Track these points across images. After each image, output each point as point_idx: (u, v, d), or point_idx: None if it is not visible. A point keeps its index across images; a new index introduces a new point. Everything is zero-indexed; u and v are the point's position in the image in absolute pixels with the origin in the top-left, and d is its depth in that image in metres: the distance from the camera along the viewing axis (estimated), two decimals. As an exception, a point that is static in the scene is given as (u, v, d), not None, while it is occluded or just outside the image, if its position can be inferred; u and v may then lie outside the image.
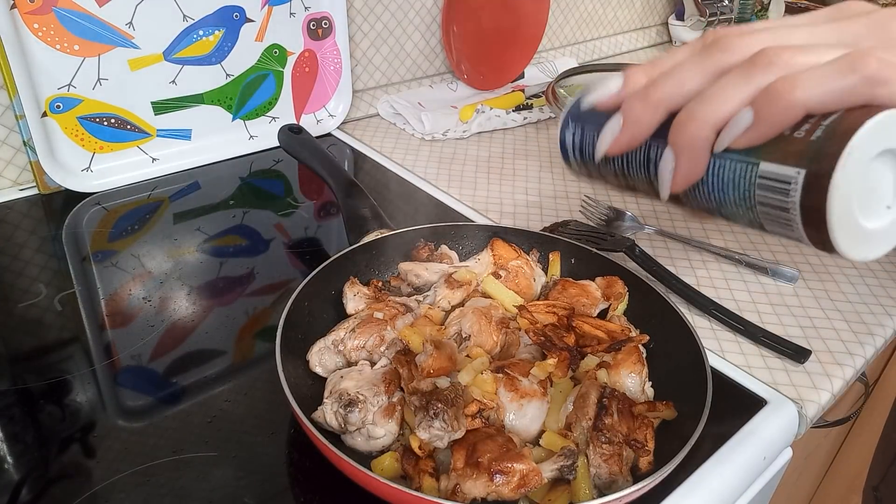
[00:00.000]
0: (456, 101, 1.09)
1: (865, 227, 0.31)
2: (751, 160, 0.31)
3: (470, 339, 0.52)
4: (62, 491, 0.45)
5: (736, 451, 0.50)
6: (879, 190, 0.31)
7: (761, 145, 0.31)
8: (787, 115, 0.30)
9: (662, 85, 0.33)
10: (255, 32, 0.88)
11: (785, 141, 0.30)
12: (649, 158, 0.36)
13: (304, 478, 0.47)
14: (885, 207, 0.32)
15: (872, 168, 0.30)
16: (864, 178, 0.30)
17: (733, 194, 0.33)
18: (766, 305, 0.67)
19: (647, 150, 0.35)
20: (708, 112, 0.31)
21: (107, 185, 0.81)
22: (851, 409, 0.86)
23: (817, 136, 0.29)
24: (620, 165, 0.38)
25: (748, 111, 0.31)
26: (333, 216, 0.80)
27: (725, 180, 0.33)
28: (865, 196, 0.30)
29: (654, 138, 0.35)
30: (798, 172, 0.30)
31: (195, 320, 0.61)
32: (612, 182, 0.41)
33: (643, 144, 0.35)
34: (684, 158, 0.33)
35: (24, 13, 0.70)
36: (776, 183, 0.31)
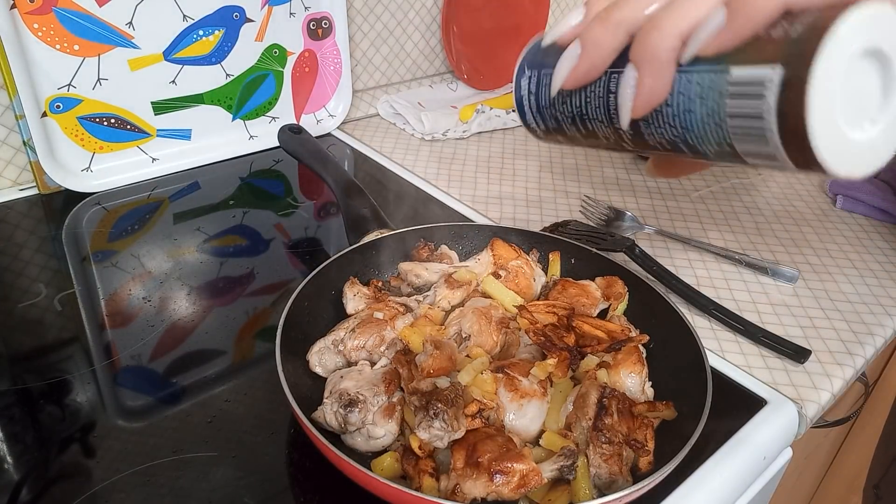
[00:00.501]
0: (456, 101, 1.09)
1: (850, 138, 0.28)
2: (719, 67, 0.28)
3: (470, 339, 0.52)
4: (62, 491, 0.45)
5: (736, 450, 0.50)
6: (863, 98, 0.28)
7: (732, 50, 0.28)
8: (765, 10, 0.27)
9: (623, 4, 0.30)
10: (255, 32, 0.88)
11: (760, 42, 0.27)
12: (610, 91, 0.32)
13: (304, 478, 0.47)
14: (868, 120, 0.29)
15: (856, 69, 0.27)
16: (847, 79, 0.27)
17: (700, 111, 0.29)
18: (766, 305, 0.67)
19: (608, 81, 0.32)
20: (674, 18, 0.28)
21: (107, 185, 0.81)
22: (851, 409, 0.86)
23: (796, 32, 0.26)
24: (578, 104, 0.34)
25: (720, 10, 0.28)
26: (333, 216, 0.80)
27: (692, 96, 0.29)
28: (849, 102, 0.27)
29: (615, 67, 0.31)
30: (773, 70, 0.26)
31: (195, 320, 0.61)
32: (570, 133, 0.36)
33: (603, 75, 0.32)
34: (647, 73, 0.29)
35: (24, 13, 0.70)
36: (749, 87, 0.27)
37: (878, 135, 0.29)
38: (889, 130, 0.29)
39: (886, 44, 0.27)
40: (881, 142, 0.29)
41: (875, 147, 0.29)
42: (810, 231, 0.82)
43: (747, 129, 0.28)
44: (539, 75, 0.35)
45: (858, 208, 0.86)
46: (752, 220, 0.83)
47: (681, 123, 0.30)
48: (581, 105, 0.34)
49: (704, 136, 0.30)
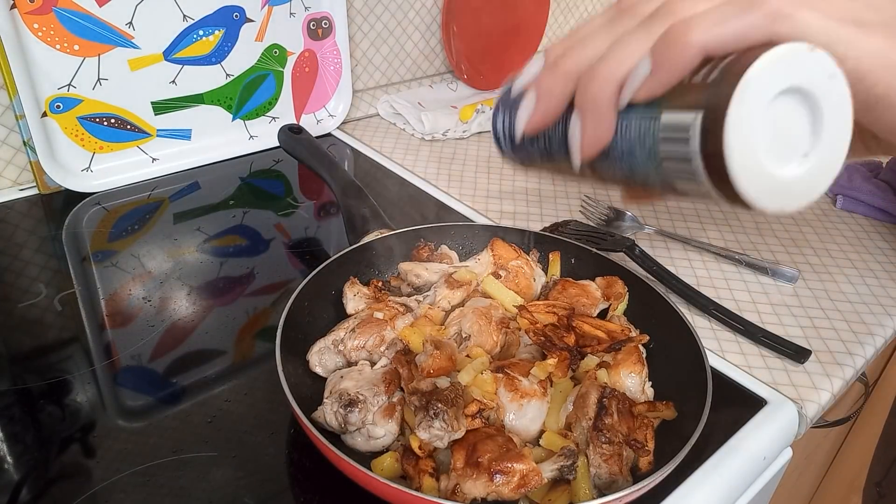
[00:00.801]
0: (456, 101, 1.09)
1: (777, 176, 0.28)
2: (653, 113, 0.30)
3: (470, 339, 0.52)
4: (62, 491, 0.45)
5: (736, 450, 0.50)
6: (792, 136, 0.28)
7: (662, 97, 0.29)
8: (684, 59, 0.28)
9: (571, 54, 0.32)
10: (255, 32, 0.88)
11: (684, 88, 0.29)
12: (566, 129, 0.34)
13: (304, 478, 0.47)
14: (801, 155, 0.29)
15: (779, 109, 0.28)
16: (767, 120, 0.27)
17: (640, 154, 0.31)
18: (766, 305, 0.67)
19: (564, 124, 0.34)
20: (609, 68, 0.30)
21: (107, 185, 0.81)
22: (851, 409, 0.86)
23: (713, 78, 0.28)
24: (543, 145, 0.36)
25: (646, 60, 0.29)
26: (333, 216, 0.80)
27: (632, 140, 0.31)
28: (775, 141, 0.28)
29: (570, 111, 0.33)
30: (695, 117, 0.28)
31: (195, 320, 0.61)
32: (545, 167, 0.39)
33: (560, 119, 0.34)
34: (589, 120, 0.31)
35: (24, 13, 0.70)
36: (676, 133, 0.29)
37: (812, 168, 0.29)
38: (823, 163, 0.29)
39: (806, 82, 0.28)
40: (816, 174, 0.29)
41: (809, 180, 0.29)
42: (810, 231, 0.82)
43: (680, 171, 0.29)
44: (510, 116, 0.37)
45: (858, 208, 0.86)
46: (752, 220, 0.83)
47: (627, 164, 0.32)
48: (545, 145, 0.36)
49: (648, 175, 0.32)
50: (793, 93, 0.28)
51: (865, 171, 0.90)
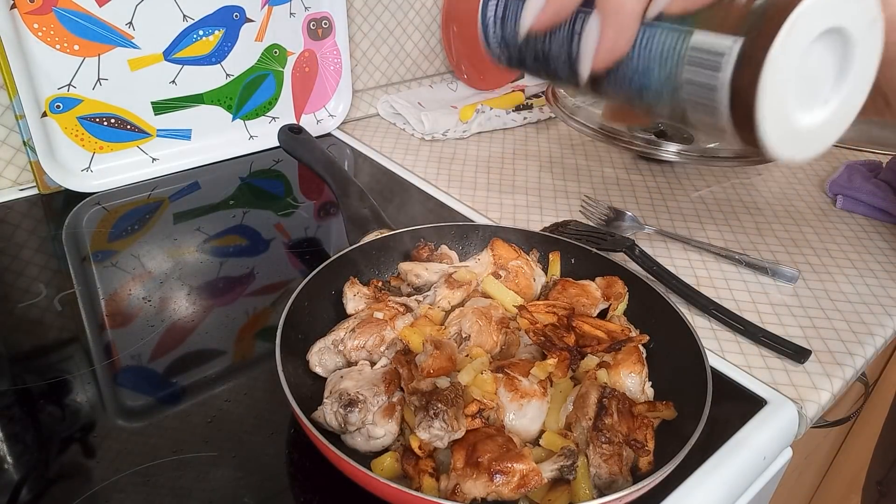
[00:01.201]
0: (456, 101, 1.09)
1: (798, 122, 0.27)
2: (683, 30, 0.27)
3: (470, 339, 0.52)
4: (62, 491, 0.45)
5: (736, 450, 0.50)
6: (818, 80, 0.27)
7: (697, 13, 0.27)
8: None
9: None
10: (255, 32, 0.88)
11: (724, 9, 0.26)
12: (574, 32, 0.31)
13: (304, 478, 0.47)
14: (822, 102, 0.28)
15: (814, 50, 0.26)
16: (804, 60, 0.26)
17: (658, 73, 0.28)
18: (766, 305, 0.67)
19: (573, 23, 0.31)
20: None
21: (107, 185, 0.81)
22: (851, 409, 0.86)
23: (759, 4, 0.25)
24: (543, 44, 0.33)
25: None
26: (333, 216, 0.80)
27: (653, 55, 0.28)
28: (803, 83, 0.26)
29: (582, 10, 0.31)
30: (734, 42, 0.25)
31: (195, 320, 0.61)
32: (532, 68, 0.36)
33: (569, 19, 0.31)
34: (610, 26, 0.28)
35: (24, 13, 0.70)
36: (708, 56, 0.26)
37: (828, 117, 0.28)
38: (839, 112, 0.28)
39: (850, 24, 0.26)
40: (830, 124, 0.29)
41: (822, 130, 0.28)
42: (810, 231, 0.82)
43: (699, 100, 0.28)
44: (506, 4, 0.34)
45: (858, 208, 0.86)
46: (752, 220, 0.83)
47: (639, 81, 0.30)
48: (545, 44, 0.33)
49: (660, 97, 0.30)
50: (832, 34, 0.26)
51: (865, 171, 0.90)
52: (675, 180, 0.92)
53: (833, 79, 0.28)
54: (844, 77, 0.28)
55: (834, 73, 0.28)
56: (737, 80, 0.26)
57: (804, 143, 0.28)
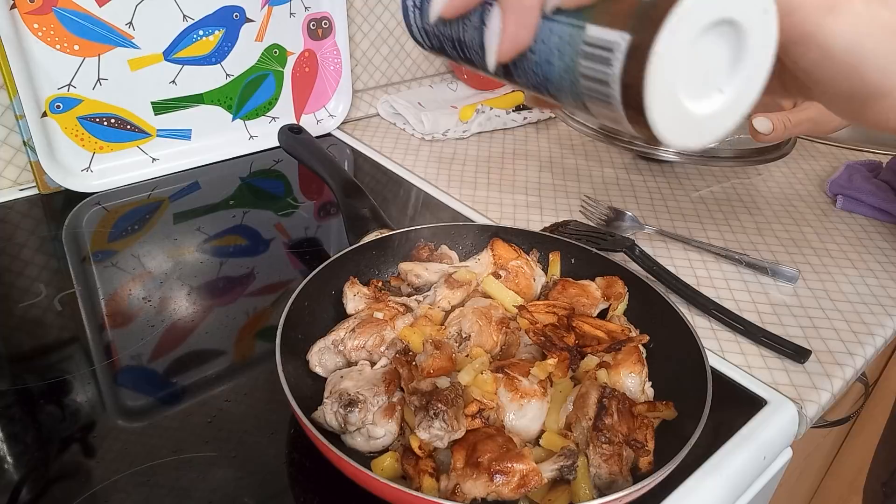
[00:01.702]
0: (456, 101, 1.09)
1: (691, 111, 0.27)
2: (579, 22, 0.27)
3: (470, 339, 0.52)
4: (62, 491, 0.45)
5: (736, 450, 0.50)
6: (711, 69, 0.27)
7: (592, 6, 0.27)
8: None
9: None
10: (255, 32, 0.88)
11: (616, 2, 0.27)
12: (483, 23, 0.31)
13: (304, 478, 0.47)
14: (716, 90, 0.28)
15: (705, 41, 0.26)
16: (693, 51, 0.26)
17: (559, 65, 0.29)
18: (766, 305, 0.67)
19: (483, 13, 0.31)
20: None
21: (107, 185, 0.81)
22: (851, 409, 0.86)
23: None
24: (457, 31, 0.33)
25: None
26: (333, 216, 0.80)
27: (552, 48, 0.29)
28: (695, 75, 0.27)
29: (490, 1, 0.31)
30: (622, 38, 0.26)
31: (195, 320, 0.61)
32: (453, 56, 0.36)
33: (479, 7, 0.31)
34: (511, 19, 0.29)
35: (24, 13, 0.70)
36: (600, 50, 0.27)
37: (725, 105, 0.28)
38: (736, 101, 0.29)
39: (739, 14, 0.26)
40: (727, 112, 0.29)
41: (719, 118, 0.29)
42: (810, 231, 0.82)
43: (595, 92, 0.28)
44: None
45: (858, 208, 0.86)
46: (752, 220, 0.83)
47: (542, 73, 0.30)
48: (459, 32, 0.33)
49: (562, 89, 0.30)
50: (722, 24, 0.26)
51: (865, 171, 0.90)
52: (675, 180, 0.92)
53: (727, 68, 0.28)
54: (739, 66, 0.28)
55: (728, 62, 0.28)
56: (626, 74, 0.26)
57: (701, 130, 0.28)
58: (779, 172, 0.96)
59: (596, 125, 0.87)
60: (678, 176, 0.93)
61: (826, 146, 1.06)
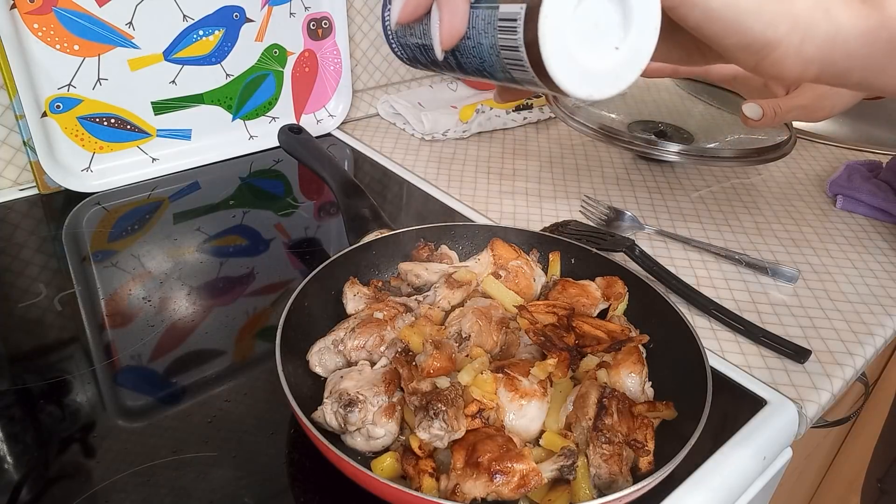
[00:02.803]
0: (456, 101, 1.09)
1: (588, 65, 0.31)
2: (494, 3, 0.32)
3: (470, 339, 0.52)
4: (62, 491, 0.45)
5: (736, 451, 0.50)
6: (604, 28, 0.31)
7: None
8: None
9: None
10: (255, 32, 0.88)
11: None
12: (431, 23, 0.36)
13: (304, 478, 0.47)
14: (612, 48, 0.32)
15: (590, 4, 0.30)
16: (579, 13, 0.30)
17: (486, 45, 0.33)
18: (766, 305, 0.67)
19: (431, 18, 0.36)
20: None
21: (107, 185, 0.81)
22: (851, 409, 0.86)
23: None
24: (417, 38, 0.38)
25: None
26: (333, 216, 0.80)
27: (479, 31, 0.33)
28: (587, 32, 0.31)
29: None
30: (521, 7, 0.30)
31: (195, 320, 0.61)
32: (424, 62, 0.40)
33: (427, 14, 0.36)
34: (445, 11, 0.33)
35: (24, 13, 0.70)
36: (508, 23, 0.31)
37: (622, 59, 0.32)
38: (632, 56, 0.32)
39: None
40: (625, 65, 0.33)
41: (618, 71, 0.32)
42: (810, 231, 0.82)
43: (513, 61, 0.32)
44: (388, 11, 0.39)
45: (858, 208, 0.86)
46: (752, 220, 0.83)
47: (478, 55, 0.34)
48: (419, 38, 0.38)
49: (494, 66, 0.34)
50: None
51: (865, 171, 0.90)
52: (675, 180, 0.92)
53: (618, 27, 0.32)
54: (629, 24, 0.32)
55: (618, 22, 0.32)
56: (526, 35, 0.30)
57: (601, 83, 0.32)
58: (779, 172, 0.96)
59: (596, 125, 0.87)
60: (678, 176, 0.93)
61: (826, 146, 1.06)
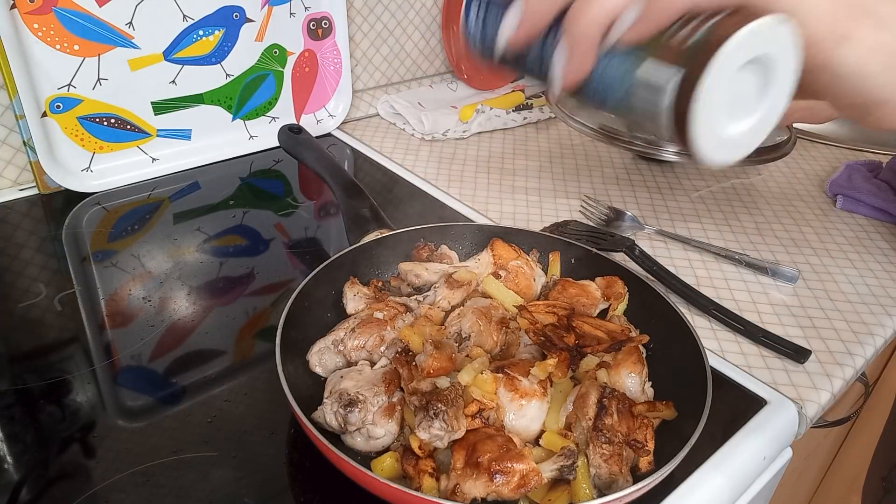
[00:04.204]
0: (456, 101, 1.09)
1: (726, 132, 0.32)
2: (633, 60, 0.32)
3: (470, 339, 0.52)
4: (62, 491, 0.45)
5: (736, 451, 0.50)
6: (744, 96, 0.32)
7: (644, 46, 0.32)
8: (668, 14, 0.31)
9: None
10: (255, 32, 0.88)
11: (665, 42, 0.31)
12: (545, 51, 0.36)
13: (304, 478, 0.47)
14: (748, 113, 0.33)
15: (741, 75, 0.31)
16: (731, 84, 0.31)
17: (615, 93, 0.34)
18: (766, 305, 0.67)
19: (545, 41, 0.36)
20: (599, 9, 0.33)
21: (107, 185, 0.81)
22: (851, 409, 0.86)
23: (693, 41, 0.30)
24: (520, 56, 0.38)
25: (633, 8, 0.32)
26: (333, 216, 0.80)
27: (610, 80, 0.34)
28: (731, 102, 0.32)
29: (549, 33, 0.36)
30: (671, 76, 0.31)
31: (195, 320, 0.61)
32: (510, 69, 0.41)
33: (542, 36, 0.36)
34: (574, 55, 0.34)
35: (24, 13, 0.70)
36: (652, 85, 0.31)
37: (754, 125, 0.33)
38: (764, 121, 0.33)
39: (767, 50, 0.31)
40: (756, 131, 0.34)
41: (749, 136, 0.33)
42: (810, 231, 0.82)
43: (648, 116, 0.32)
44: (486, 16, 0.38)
45: (858, 208, 0.86)
46: (752, 220, 0.83)
47: (601, 97, 0.35)
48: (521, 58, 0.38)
49: (618, 111, 0.35)
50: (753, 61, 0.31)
51: (865, 171, 0.90)
52: (675, 180, 0.92)
53: (757, 93, 0.33)
54: (767, 91, 0.33)
55: (757, 89, 0.33)
56: (675, 106, 0.31)
57: (735, 147, 0.33)
58: (779, 172, 0.96)
59: (596, 125, 0.87)
60: (678, 176, 0.93)
61: (826, 146, 1.06)
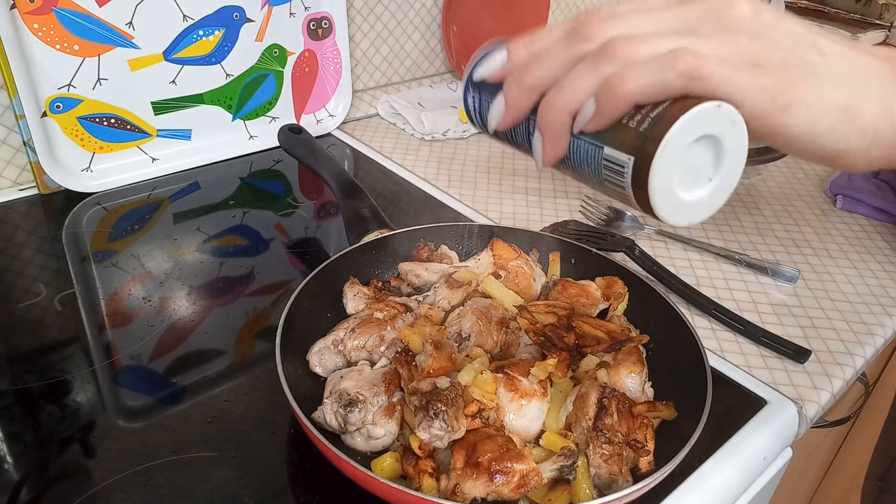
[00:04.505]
0: (456, 101, 1.09)
1: (686, 199, 0.36)
2: (597, 143, 0.37)
3: (470, 339, 0.52)
4: (62, 491, 0.45)
5: (736, 451, 0.50)
6: (699, 167, 0.36)
7: (605, 130, 0.36)
8: (619, 107, 0.35)
9: (533, 70, 0.38)
10: (255, 32, 0.88)
11: (622, 128, 0.35)
12: (529, 131, 0.41)
13: (304, 478, 0.47)
14: (706, 179, 0.36)
15: (691, 151, 0.34)
16: (682, 161, 0.34)
17: (587, 169, 0.38)
18: (766, 305, 0.67)
19: (528, 123, 0.41)
20: (562, 100, 0.36)
21: (107, 185, 0.81)
22: (851, 409, 0.86)
23: (644, 128, 0.34)
24: (510, 135, 0.43)
25: (592, 102, 0.35)
26: (333, 216, 0.80)
27: (581, 157, 0.38)
28: (686, 174, 0.35)
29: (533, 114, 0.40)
30: (629, 159, 0.35)
31: (195, 320, 0.61)
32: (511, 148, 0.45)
33: (525, 119, 0.40)
34: (548, 140, 0.38)
35: (24, 13, 0.70)
36: (615, 165, 0.36)
37: (714, 190, 0.37)
38: (722, 185, 0.37)
39: (714, 130, 0.34)
40: (716, 194, 0.37)
41: (711, 199, 0.37)
42: (810, 231, 0.82)
43: (617, 191, 0.37)
44: (480, 101, 0.43)
45: (858, 208, 0.86)
46: (752, 220, 0.83)
47: (577, 172, 0.40)
48: (511, 136, 0.43)
49: (592, 183, 0.39)
50: (703, 138, 0.34)
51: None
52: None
53: (712, 164, 0.36)
54: (721, 161, 0.36)
55: (712, 160, 0.36)
56: (634, 182, 0.35)
57: (696, 211, 0.37)
58: (779, 172, 0.96)
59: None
60: (678, 176, 0.93)
61: (826, 146, 1.05)
